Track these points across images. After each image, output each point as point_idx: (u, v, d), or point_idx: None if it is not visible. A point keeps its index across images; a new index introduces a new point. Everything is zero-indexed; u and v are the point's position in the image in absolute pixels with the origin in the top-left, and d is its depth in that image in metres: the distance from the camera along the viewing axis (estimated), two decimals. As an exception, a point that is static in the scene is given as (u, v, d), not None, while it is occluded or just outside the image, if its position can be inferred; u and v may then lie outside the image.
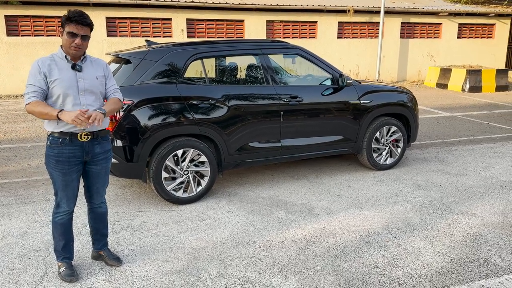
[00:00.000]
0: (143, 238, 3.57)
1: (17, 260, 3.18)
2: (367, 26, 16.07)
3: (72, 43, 2.62)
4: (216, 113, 4.29)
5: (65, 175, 2.76)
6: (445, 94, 13.32)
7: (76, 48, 2.64)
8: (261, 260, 3.19)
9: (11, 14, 12.40)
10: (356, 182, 4.97)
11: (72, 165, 2.76)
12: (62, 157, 2.72)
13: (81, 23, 2.61)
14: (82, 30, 2.63)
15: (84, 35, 2.65)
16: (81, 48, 2.66)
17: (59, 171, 2.75)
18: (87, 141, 2.77)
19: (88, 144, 2.78)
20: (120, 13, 13.24)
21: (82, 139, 2.74)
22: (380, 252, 3.30)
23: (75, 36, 2.62)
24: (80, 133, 2.73)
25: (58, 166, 2.74)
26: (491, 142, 6.96)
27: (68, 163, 2.74)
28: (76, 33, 2.61)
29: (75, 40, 2.62)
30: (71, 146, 2.73)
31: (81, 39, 2.63)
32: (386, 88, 5.49)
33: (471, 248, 3.36)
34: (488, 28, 17.77)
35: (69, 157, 2.74)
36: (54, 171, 2.76)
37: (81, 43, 2.64)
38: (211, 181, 4.37)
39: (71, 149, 2.73)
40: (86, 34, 2.66)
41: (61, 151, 2.72)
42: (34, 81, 2.62)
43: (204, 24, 14.22)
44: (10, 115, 9.56)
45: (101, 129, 2.84)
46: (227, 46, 4.71)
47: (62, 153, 2.72)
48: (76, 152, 2.75)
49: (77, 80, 2.69)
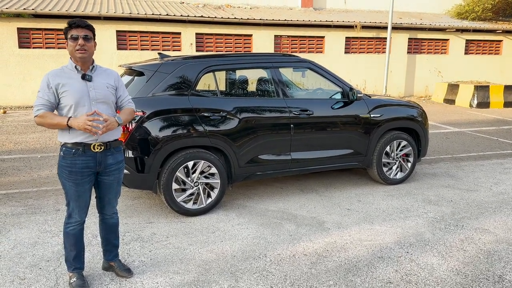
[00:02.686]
0: (153, 249, 3.55)
1: (28, 270, 3.18)
2: (374, 41, 16.15)
3: (76, 45, 2.66)
4: (227, 125, 4.31)
5: (77, 186, 2.77)
6: (453, 110, 13.29)
7: (81, 50, 2.66)
8: (272, 274, 3.16)
9: (23, 26, 12.62)
10: (366, 196, 4.94)
11: (85, 176, 2.77)
12: (75, 167, 2.73)
13: (79, 25, 2.66)
14: (82, 31, 2.67)
15: (86, 36, 2.67)
16: (86, 49, 2.68)
17: (72, 181, 2.76)
18: (100, 151, 2.78)
19: (101, 155, 2.79)
20: (131, 26, 13.42)
21: (95, 149, 2.76)
22: (393, 267, 3.26)
23: (77, 38, 2.65)
24: (93, 144, 2.74)
25: (71, 176, 2.75)
26: (501, 158, 6.91)
27: (81, 174, 2.75)
28: (77, 35, 2.65)
29: (78, 42, 2.65)
30: (84, 156, 2.74)
31: (83, 39, 2.66)
32: (396, 103, 5.49)
33: (485, 264, 3.31)
34: (496, 44, 17.79)
35: (82, 168, 2.75)
36: (67, 182, 2.77)
37: (84, 43, 2.66)
38: (221, 193, 4.37)
39: (84, 160, 2.74)
40: (87, 35, 2.69)
41: (74, 161, 2.73)
42: (43, 94, 2.66)
43: (213, 38, 14.37)
44: (21, 125, 9.64)
45: (114, 140, 2.85)
46: (238, 59, 4.76)
47: (75, 163, 2.73)
48: (89, 162, 2.76)
49: (88, 90, 2.72)
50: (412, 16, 17.83)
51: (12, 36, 12.51)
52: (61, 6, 12.97)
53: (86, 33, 2.69)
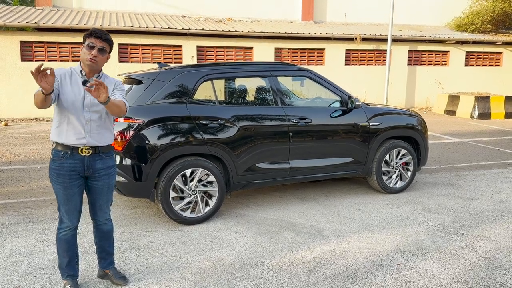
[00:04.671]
0: (150, 257, 3.52)
1: (22, 278, 3.15)
2: (374, 53, 16.23)
3: (89, 54, 2.69)
4: (225, 133, 4.30)
5: (66, 189, 2.77)
6: (454, 121, 13.27)
7: (92, 59, 2.70)
8: (270, 282, 3.11)
9: (26, 40, 12.75)
10: (366, 205, 4.90)
11: (73, 179, 2.77)
12: (62, 170, 2.74)
13: (100, 37, 2.71)
14: (100, 43, 2.71)
15: (101, 48, 2.72)
16: (97, 60, 2.72)
17: (60, 184, 2.76)
18: (88, 156, 2.78)
19: (89, 159, 2.79)
20: (132, 39, 13.54)
21: (83, 153, 2.76)
22: (392, 275, 3.22)
23: (93, 48, 2.70)
24: (81, 148, 2.74)
25: (59, 179, 2.75)
26: (502, 168, 6.86)
27: (68, 177, 2.75)
28: (94, 45, 2.70)
29: (92, 52, 2.69)
30: (71, 160, 2.75)
31: (98, 51, 2.70)
32: (395, 111, 5.49)
33: (486, 272, 3.26)
34: (496, 56, 17.85)
35: (70, 171, 2.75)
36: (55, 185, 2.78)
37: (97, 55, 2.70)
38: (219, 202, 4.34)
39: (72, 163, 2.75)
40: (104, 47, 2.73)
41: (62, 164, 2.74)
42: None
43: (214, 50, 14.48)
44: (21, 137, 9.67)
45: (103, 145, 2.84)
46: (237, 68, 4.77)
47: (63, 166, 2.74)
48: (77, 166, 2.76)
49: (85, 95, 2.73)
50: (412, 29, 17.95)
51: (14, 49, 12.63)
52: (63, 20, 13.12)
53: (104, 45, 2.73)
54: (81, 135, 2.72)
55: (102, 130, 2.80)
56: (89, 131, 2.74)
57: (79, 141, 2.72)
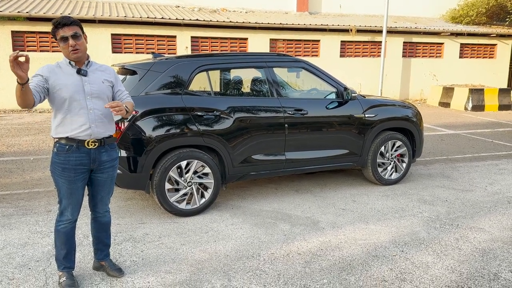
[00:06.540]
0: (146, 249, 3.50)
1: (17, 270, 3.12)
2: (369, 45, 16.20)
3: (68, 47, 2.60)
4: (221, 125, 4.28)
5: (70, 183, 2.72)
6: (448, 113, 13.33)
7: (74, 50, 2.61)
8: (266, 273, 3.12)
9: (17, 30, 12.57)
10: (361, 196, 4.91)
11: (79, 173, 2.73)
12: (68, 164, 2.69)
13: (65, 24, 2.59)
14: (70, 30, 2.59)
15: (75, 34, 2.60)
16: (79, 48, 2.63)
17: (65, 178, 2.71)
18: (94, 148, 2.74)
19: (95, 151, 2.75)
20: (126, 30, 13.40)
21: (89, 146, 2.72)
22: (388, 266, 3.23)
23: (67, 39, 2.60)
24: (87, 140, 2.70)
25: (64, 173, 2.70)
26: (496, 159, 6.91)
27: (74, 171, 2.71)
28: (66, 35, 2.59)
29: (68, 43, 2.60)
30: (78, 153, 2.70)
31: (72, 38, 2.60)
32: (390, 103, 5.48)
33: (481, 262, 3.29)
34: (490, 48, 17.90)
35: (76, 165, 2.70)
36: (59, 179, 2.72)
37: (75, 43, 2.61)
38: (215, 193, 4.32)
39: (78, 157, 2.70)
40: (76, 32, 2.61)
41: (67, 158, 2.69)
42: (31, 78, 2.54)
43: (208, 41, 14.37)
44: (14, 128, 9.57)
45: (108, 136, 2.81)
46: (232, 58, 4.73)
47: (69, 160, 2.69)
48: (83, 159, 2.72)
49: (83, 84, 2.68)
50: (407, 20, 17.92)
51: (6, 39, 12.45)
52: (56, 9, 12.95)
53: (74, 30, 2.61)
54: (86, 125, 2.67)
55: (105, 119, 2.76)
56: (94, 120, 2.69)
57: (84, 132, 2.67)
